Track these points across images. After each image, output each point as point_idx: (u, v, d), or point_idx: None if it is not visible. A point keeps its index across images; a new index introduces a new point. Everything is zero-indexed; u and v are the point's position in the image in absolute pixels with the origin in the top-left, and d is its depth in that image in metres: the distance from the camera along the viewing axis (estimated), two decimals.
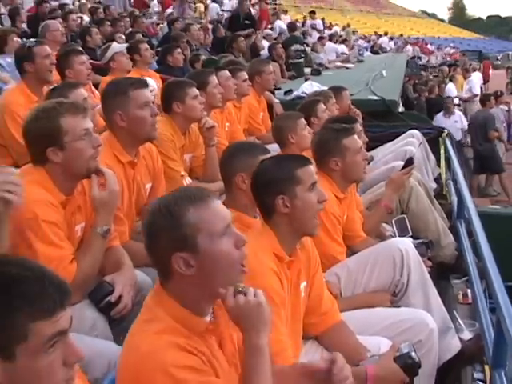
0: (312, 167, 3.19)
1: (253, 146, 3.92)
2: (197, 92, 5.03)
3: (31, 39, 5.97)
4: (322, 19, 28.62)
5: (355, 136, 4.46)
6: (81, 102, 3.61)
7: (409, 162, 4.91)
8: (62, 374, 1.65)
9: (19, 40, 8.16)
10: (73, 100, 3.74)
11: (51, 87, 5.03)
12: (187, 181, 4.83)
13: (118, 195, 3.48)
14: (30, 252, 3.02)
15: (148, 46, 8.24)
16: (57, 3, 14.92)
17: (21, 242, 3.06)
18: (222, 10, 22.31)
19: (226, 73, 6.22)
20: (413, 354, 2.96)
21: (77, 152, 3.21)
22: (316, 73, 12.68)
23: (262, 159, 3.31)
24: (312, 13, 25.12)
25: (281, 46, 12.31)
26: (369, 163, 4.59)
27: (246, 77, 6.78)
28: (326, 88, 7.89)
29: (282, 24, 20.39)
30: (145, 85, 4.08)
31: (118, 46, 7.43)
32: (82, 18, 12.97)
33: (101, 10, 14.68)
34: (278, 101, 8.25)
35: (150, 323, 2.20)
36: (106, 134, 4.01)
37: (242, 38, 12.34)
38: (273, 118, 7.59)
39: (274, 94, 8.57)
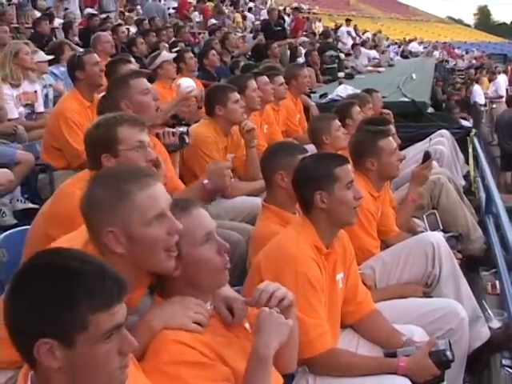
0: (349, 166, 3.22)
1: (292, 145, 3.94)
2: (238, 96, 5.06)
3: (81, 49, 6.05)
4: (355, 26, 28.51)
5: (390, 138, 4.47)
6: (140, 117, 3.64)
7: (426, 157, 4.88)
8: (117, 361, 1.68)
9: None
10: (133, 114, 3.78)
11: (102, 94, 5.10)
12: None
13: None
14: None
15: (192, 55, 8.31)
16: (104, 15, 15.11)
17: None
18: (257, 20, 22.41)
19: (265, 78, 6.23)
20: (448, 352, 2.93)
21: (129, 161, 3.18)
22: (349, 77, 12.65)
23: (302, 157, 3.35)
24: (348, 20, 25.04)
25: (316, 52, 12.27)
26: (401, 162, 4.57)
27: (283, 81, 6.79)
28: (359, 91, 7.88)
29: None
30: (142, 74, 4.19)
31: (167, 55, 7.49)
32: (128, 29, 13.10)
33: (146, 21, 14.84)
34: (313, 103, 8.27)
35: None
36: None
37: (276, 45, 12.39)
38: (309, 119, 7.60)
39: (310, 97, 8.58)
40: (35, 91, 6.84)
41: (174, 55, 7.61)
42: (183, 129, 5.03)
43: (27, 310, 1.62)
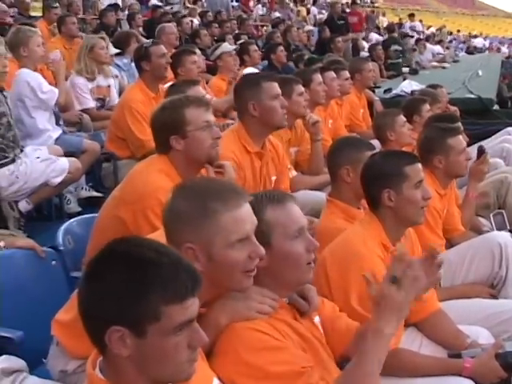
0: (419, 165, 3.17)
1: (359, 141, 3.91)
2: (302, 89, 5.03)
3: (147, 40, 6.11)
4: (420, 21, 28.16)
5: (460, 136, 4.37)
6: (204, 97, 3.68)
7: (480, 152, 4.76)
8: (186, 354, 1.68)
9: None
10: (193, 93, 3.82)
11: (170, 84, 5.14)
12: (292, 173, 4.84)
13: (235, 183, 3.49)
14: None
15: (256, 48, 8.33)
16: (169, 7, 15.23)
17: (145, 226, 3.14)
18: (320, 13, 22.32)
19: (332, 73, 6.21)
20: None
21: (197, 141, 3.26)
22: (413, 72, 12.49)
23: (371, 153, 3.33)
24: (411, 15, 24.74)
25: (380, 47, 12.16)
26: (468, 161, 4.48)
27: (348, 76, 6.74)
28: (423, 87, 7.78)
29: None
30: (275, 78, 4.18)
31: (228, 47, 7.53)
32: (192, 21, 13.19)
33: (210, 13, 14.91)
34: (377, 98, 8.20)
35: None
36: (235, 126, 4.13)
37: (339, 39, 12.35)
38: (373, 115, 7.54)
39: (374, 92, 8.50)
40: (109, 86, 6.98)
41: (235, 47, 7.64)
42: None
43: (102, 296, 1.63)
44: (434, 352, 3.12)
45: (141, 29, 12.23)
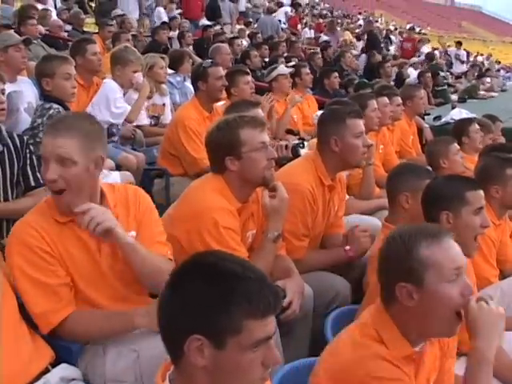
0: (481, 192, 3.17)
1: (421, 168, 3.90)
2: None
3: (207, 60, 6.18)
4: (465, 49, 27.99)
5: None
6: (260, 117, 3.70)
7: None
8: (259, 372, 1.71)
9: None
10: (253, 115, 3.84)
11: (229, 104, 5.19)
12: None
13: (287, 204, 3.50)
14: None
15: (308, 71, 8.35)
16: (218, 27, 15.40)
17: (200, 246, 3.17)
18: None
19: (385, 99, 6.20)
20: None
21: (252, 162, 3.29)
22: (462, 100, 12.41)
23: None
24: (458, 43, 24.55)
25: (429, 74, 12.12)
26: None
27: (400, 101, 6.73)
28: (474, 115, 7.73)
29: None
30: (360, 115, 4.13)
31: (284, 69, 7.57)
32: (241, 42, 13.32)
33: (259, 35, 15.04)
34: (427, 126, 8.17)
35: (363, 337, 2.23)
36: (311, 156, 4.10)
37: (389, 64, 12.35)
38: (422, 142, 7.52)
39: (423, 119, 8.47)
40: (163, 104, 7.08)
41: (291, 70, 7.69)
42: (297, 141, 5.06)
43: (186, 306, 1.68)
44: None
45: (191, 47, 12.40)
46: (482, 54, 35.94)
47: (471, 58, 29.56)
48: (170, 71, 7.59)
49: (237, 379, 1.70)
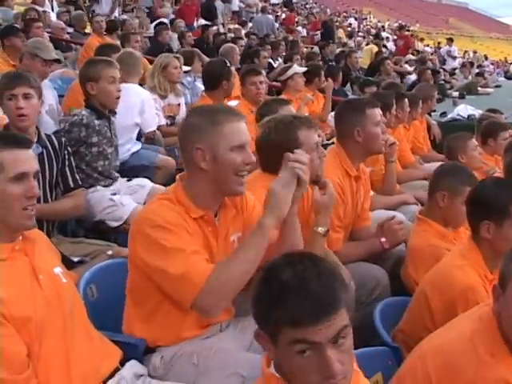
0: None
1: (465, 173, 3.85)
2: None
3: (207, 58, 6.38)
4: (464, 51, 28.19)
5: None
6: (311, 118, 3.77)
7: None
8: (314, 378, 1.76)
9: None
10: (307, 116, 3.92)
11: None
12: None
13: (336, 199, 3.54)
14: None
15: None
16: (215, 28, 15.49)
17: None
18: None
19: (406, 100, 6.43)
20: None
21: (309, 162, 3.37)
22: (461, 96, 12.56)
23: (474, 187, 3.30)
24: (449, 40, 24.78)
25: (430, 71, 12.24)
26: None
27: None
28: (480, 111, 7.90)
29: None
30: (376, 104, 4.31)
31: (299, 68, 7.72)
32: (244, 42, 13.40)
33: (254, 36, 15.11)
34: (435, 122, 8.31)
35: None
36: (334, 149, 4.22)
37: (389, 61, 12.48)
38: (430, 138, 7.69)
39: (430, 115, 8.61)
40: (179, 104, 7.15)
41: (305, 69, 7.83)
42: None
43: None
44: None
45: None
46: (475, 52, 36.11)
47: (460, 54, 29.74)
48: (185, 68, 7.59)
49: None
